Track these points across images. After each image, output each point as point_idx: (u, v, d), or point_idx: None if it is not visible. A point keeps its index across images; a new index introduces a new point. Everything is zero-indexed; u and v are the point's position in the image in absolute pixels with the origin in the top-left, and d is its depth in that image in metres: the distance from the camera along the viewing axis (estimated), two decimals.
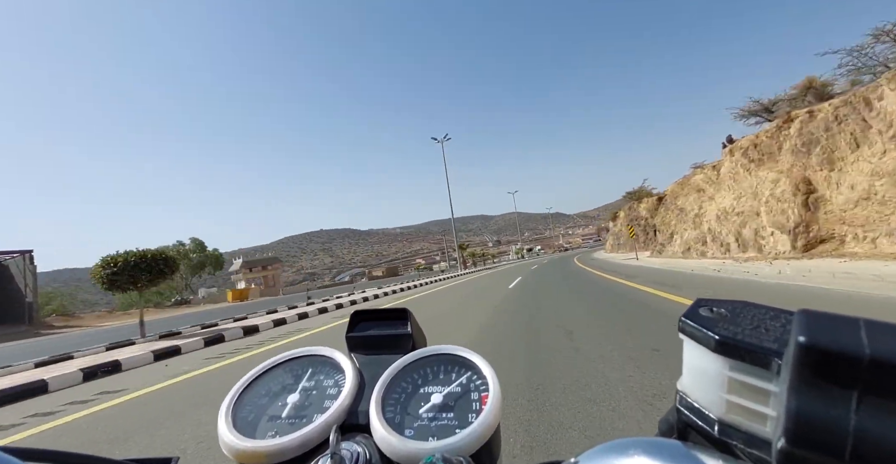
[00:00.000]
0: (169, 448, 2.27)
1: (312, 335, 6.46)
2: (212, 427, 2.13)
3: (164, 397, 3.50)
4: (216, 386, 3.68)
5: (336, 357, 0.46)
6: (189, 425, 2.62)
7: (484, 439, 0.35)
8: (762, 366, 0.19)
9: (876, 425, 0.14)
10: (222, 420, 0.39)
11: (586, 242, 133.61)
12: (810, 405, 0.15)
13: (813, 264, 7.10)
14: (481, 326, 5.14)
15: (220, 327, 8.63)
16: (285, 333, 7.17)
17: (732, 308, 0.23)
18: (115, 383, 4.49)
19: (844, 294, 4.58)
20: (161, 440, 2.42)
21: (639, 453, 0.21)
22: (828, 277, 5.71)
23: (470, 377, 0.41)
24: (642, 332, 3.71)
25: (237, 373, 4.03)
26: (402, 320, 0.51)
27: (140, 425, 2.76)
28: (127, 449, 2.35)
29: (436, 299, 10.35)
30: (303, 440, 0.36)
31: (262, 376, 0.45)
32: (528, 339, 4.01)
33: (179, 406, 3.13)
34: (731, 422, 0.21)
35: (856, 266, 6.06)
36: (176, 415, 2.90)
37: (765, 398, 0.20)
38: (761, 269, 7.69)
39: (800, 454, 0.15)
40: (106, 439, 2.56)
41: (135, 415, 3.05)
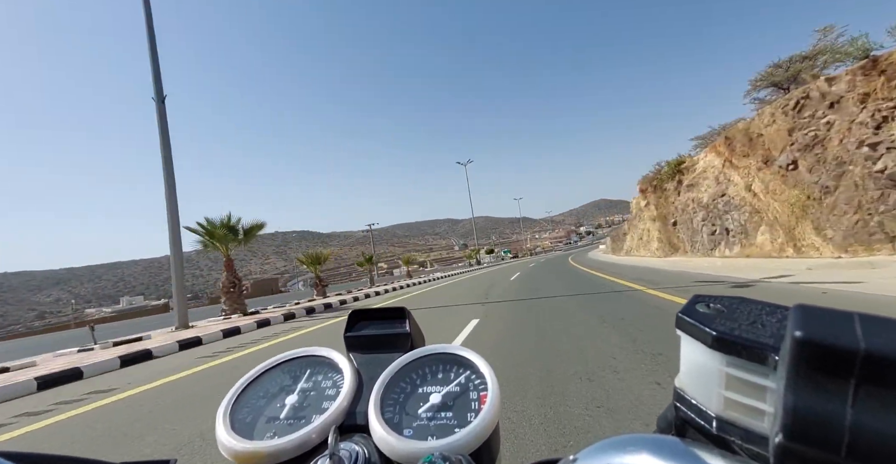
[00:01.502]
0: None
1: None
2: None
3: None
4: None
5: (334, 357, 0.46)
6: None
7: (483, 437, 0.35)
8: (759, 361, 0.19)
9: (871, 418, 0.14)
10: (220, 422, 0.39)
11: (555, 245, 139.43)
12: (807, 400, 0.15)
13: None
14: None
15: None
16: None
17: (729, 304, 0.23)
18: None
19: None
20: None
21: (637, 449, 0.20)
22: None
23: (469, 377, 0.41)
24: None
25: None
26: (401, 319, 0.51)
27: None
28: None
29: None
30: (301, 441, 0.36)
31: (260, 378, 0.45)
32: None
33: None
34: (728, 418, 0.21)
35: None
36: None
37: (762, 394, 0.20)
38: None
39: (797, 449, 0.15)
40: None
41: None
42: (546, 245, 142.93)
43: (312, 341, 6.09)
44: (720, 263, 10.92)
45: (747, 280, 6.87)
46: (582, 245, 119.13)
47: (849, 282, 5.18)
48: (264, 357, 0.76)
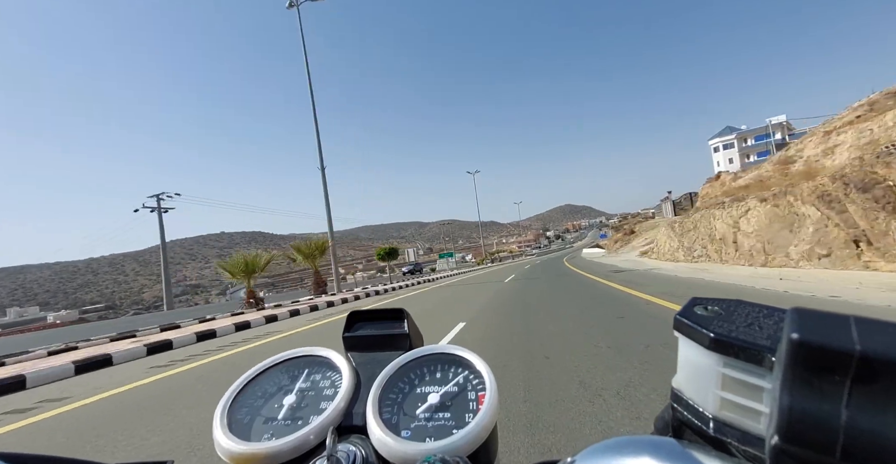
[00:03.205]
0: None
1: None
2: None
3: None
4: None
5: (332, 358, 0.46)
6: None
7: (481, 439, 0.34)
8: (756, 363, 0.20)
9: (865, 419, 0.14)
10: (217, 423, 0.39)
11: (522, 249, 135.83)
12: (802, 401, 0.15)
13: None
14: None
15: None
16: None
17: (727, 306, 0.24)
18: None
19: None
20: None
21: (635, 451, 0.20)
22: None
23: (467, 377, 0.40)
24: None
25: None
26: (399, 320, 0.50)
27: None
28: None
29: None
30: (299, 443, 0.36)
31: (258, 378, 0.45)
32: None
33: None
34: (725, 419, 0.21)
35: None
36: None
37: (758, 395, 0.20)
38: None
39: (792, 451, 0.15)
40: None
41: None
42: (513, 249, 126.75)
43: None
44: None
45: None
46: (557, 250, 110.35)
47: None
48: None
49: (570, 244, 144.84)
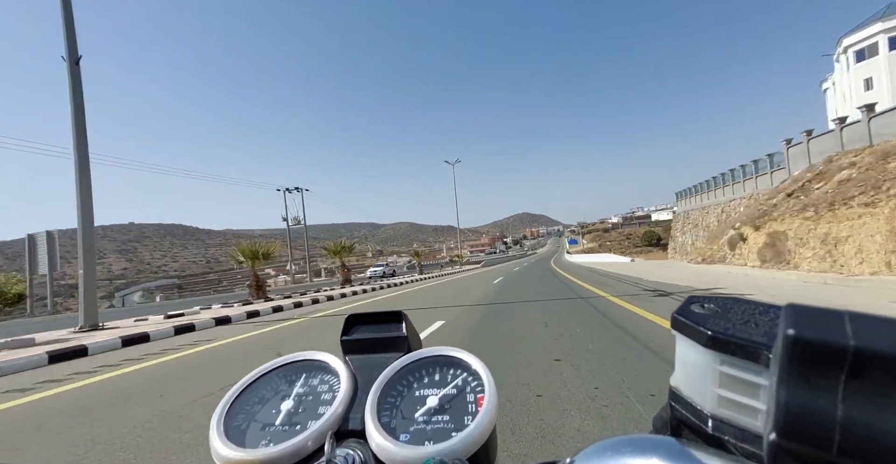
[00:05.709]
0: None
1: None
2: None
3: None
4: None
5: (330, 362, 0.45)
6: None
7: (480, 441, 0.34)
8: (752, 359, 0.20)
9: (861, 413, 0.14)
10: (214, 429, 0.38)
11: (474, 254, 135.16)
12: (798, 397, 0.15)
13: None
14: None
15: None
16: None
17: (723, 304, 0.24)
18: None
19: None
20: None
21: (634, 450, 0.21)
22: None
23: (465, 379, 0.40)
24: None
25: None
26: (397, 323, 0.50)
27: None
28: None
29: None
30: (296, 448, 0.35)
31: (255, 383, 0.44)
32: None
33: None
34: (723, 417, 0.21)
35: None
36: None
37: (755, 392, 0.20)
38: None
39: (790, 447, 0.15)
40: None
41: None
42: (465, 254, 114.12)
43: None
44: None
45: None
46: (514, 255, 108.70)
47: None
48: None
49: (534, 251, 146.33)
